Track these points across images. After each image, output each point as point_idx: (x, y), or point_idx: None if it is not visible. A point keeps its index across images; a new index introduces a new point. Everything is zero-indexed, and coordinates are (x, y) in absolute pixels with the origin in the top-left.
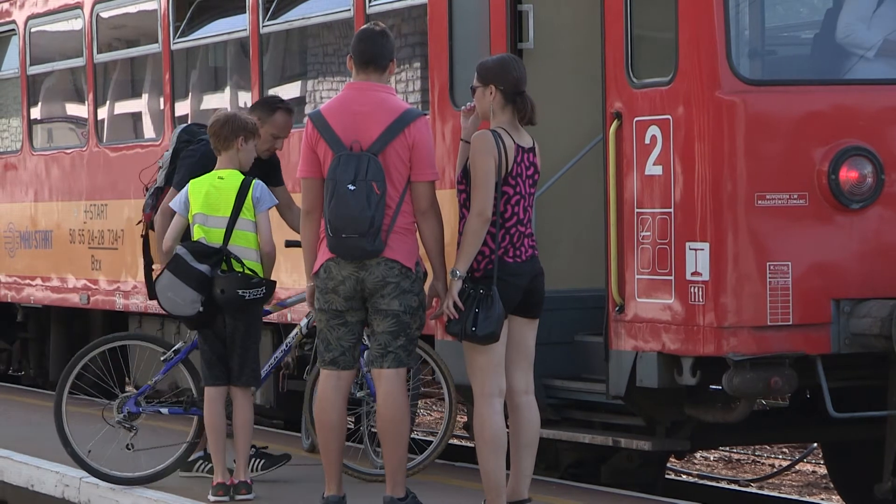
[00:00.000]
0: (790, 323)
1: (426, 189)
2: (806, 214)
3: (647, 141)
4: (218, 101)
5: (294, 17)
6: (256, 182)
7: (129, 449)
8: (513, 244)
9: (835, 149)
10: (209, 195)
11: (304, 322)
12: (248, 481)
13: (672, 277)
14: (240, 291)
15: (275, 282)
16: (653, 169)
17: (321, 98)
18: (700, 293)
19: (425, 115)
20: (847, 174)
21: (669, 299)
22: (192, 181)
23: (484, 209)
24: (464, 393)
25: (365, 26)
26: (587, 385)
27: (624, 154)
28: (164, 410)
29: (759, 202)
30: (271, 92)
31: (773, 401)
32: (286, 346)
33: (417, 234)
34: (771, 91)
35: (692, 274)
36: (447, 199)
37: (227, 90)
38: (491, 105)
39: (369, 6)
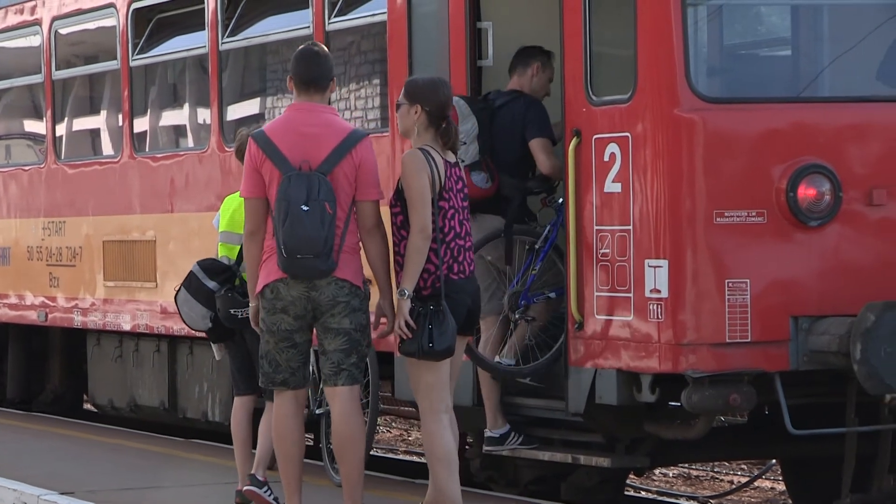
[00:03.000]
0: (749, 340)
1: (372, 208)
2: (764, 232)
3: (607, 158)
4: (177, 118)
5: (253, 35)
6: None
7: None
8: (455, 259)
9: (793, 166)
10: (236, 212)
11: None
12: (260, 478)
13: (631, 294)
14: (231, 311)
15: None
16: (612, 186)
17: (280, 114)
18: (659, 310)
19: (369, 135)
20: (805, 192)
21: (628, 316)
22: (226, 198)
23: (425, 225)
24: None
25: (303, 46)
26: (547, 402)
27: (583, 171)
28: (552, 294)
29: (718, 219)
30: (230, 108)
31: (731, 417)
32: None
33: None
34: (729, 108)
35: (651, 291)
36: None
37: (187, 107)
38: (415, 124)
39: (328, 24)
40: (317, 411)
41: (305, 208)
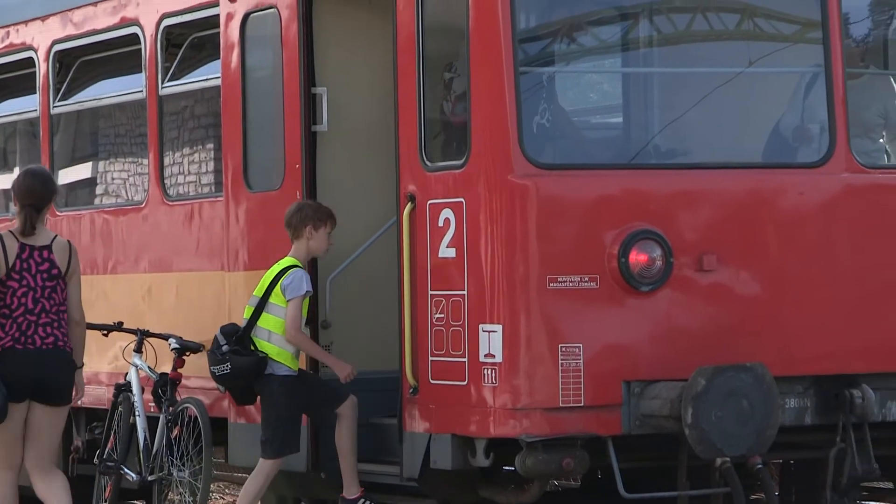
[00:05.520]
0: (582, 404)
1: None
2: (597, 297)
3: (441, 223)
4: (7, 182)
5: (86, 98)
6: (294, 271)
7: None
8: (23, 333)
9: (625, 232)
10: (266, 278)
11: None
12: None
13: (465, 359)
14: (211, 368)
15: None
16: (446, 251)
17: (112, 179)
18: (493, 375)
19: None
20: (637, 257)
21: (463, 381)
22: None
23: None
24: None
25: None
26: (382, 467)
27: (418, 236)
28: None
29: (551, 284)
30: (62, 172)
31: (565, 481)
32: None
33: None
34: (562, 175)
35: (485, 356)
36: (241, 282)
37: (16, 171)
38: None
39: (162, 88)
40: (149, 478)
41: None
